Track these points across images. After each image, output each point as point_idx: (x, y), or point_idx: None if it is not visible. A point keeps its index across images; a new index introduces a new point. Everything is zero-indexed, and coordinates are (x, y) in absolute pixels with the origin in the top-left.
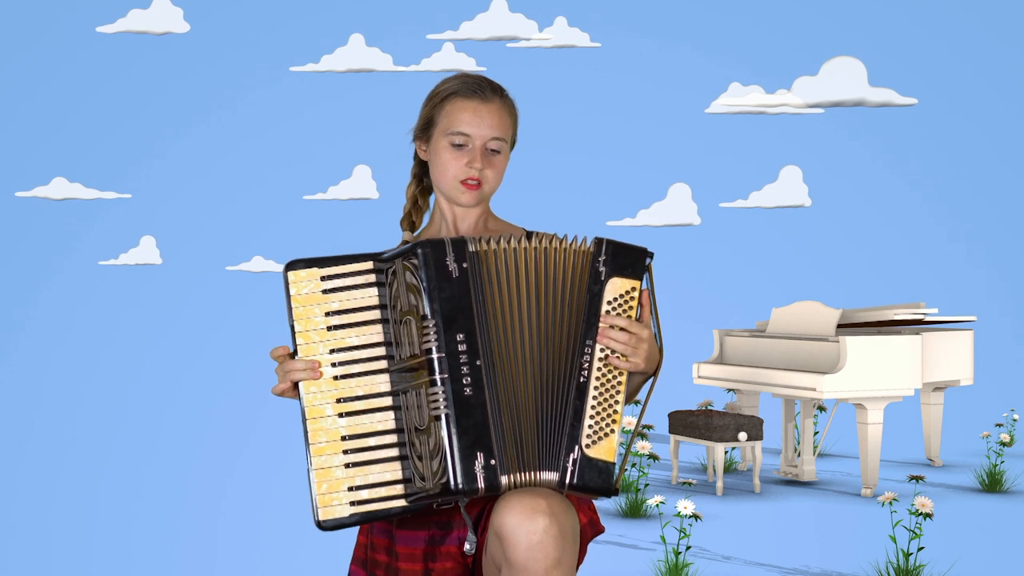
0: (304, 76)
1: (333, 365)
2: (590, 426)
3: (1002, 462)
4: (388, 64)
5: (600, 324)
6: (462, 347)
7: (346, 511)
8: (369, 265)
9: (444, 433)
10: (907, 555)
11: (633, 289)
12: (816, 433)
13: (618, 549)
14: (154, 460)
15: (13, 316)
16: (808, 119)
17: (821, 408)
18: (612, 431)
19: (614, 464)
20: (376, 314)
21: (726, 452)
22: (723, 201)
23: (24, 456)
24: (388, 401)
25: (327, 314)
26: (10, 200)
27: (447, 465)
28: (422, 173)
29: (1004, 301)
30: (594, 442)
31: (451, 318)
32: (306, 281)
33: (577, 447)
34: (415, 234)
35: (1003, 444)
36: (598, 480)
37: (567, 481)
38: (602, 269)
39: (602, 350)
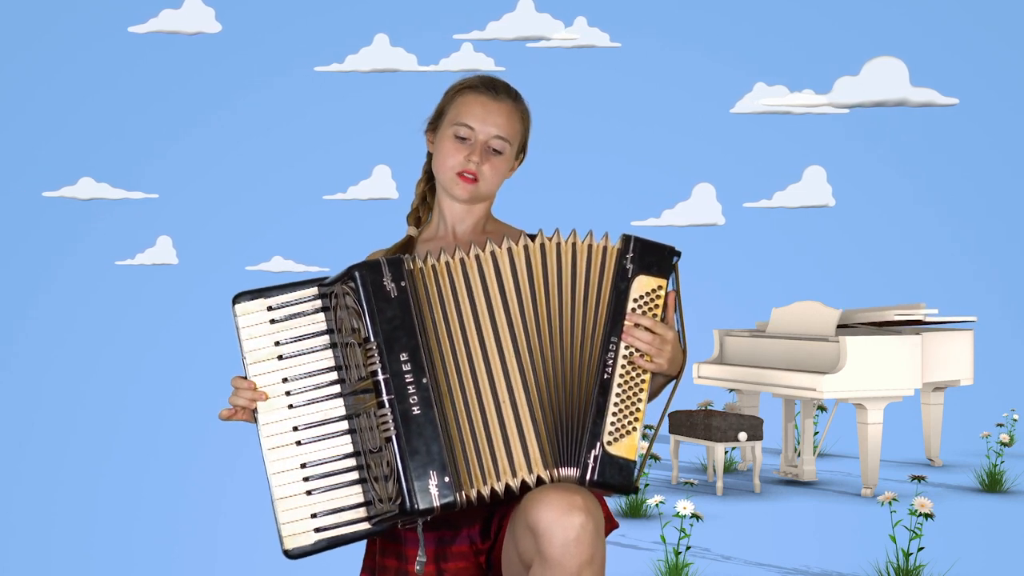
0: (328, 76)
1: (288, 394)
2: (612, 423)
3: (1002, 462)
4: (413, 64)
5: (625, 322)
6: (406, 366)
7: (311, 538)
8: (314, 291)
9: (395, 454)
10: (907, 555)
11: (659, 288)
12: (816, 433)
13: (618, 549)
14: (155, 459)
15: (24, 317)
16: (833, 119)
17: (821, 408)
18: (634, 429)
19: (635, 462)
20: (325, 340)
21: (726, 452)
22: (747, 201)
23: (25, 455)
24: (344, 425)
25: (277, 343)
26: (37, 200)
27: (401, 486)
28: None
29: (1004, 301)
30: (616, 439)
31: (393, 338)
32: (254, 313)
33: (599, 444)
34: (419, 230)
35: (1003, 444)
36: (619, 477)
37: (588, 477)
38: (629, 266)
39: (626, 347)
